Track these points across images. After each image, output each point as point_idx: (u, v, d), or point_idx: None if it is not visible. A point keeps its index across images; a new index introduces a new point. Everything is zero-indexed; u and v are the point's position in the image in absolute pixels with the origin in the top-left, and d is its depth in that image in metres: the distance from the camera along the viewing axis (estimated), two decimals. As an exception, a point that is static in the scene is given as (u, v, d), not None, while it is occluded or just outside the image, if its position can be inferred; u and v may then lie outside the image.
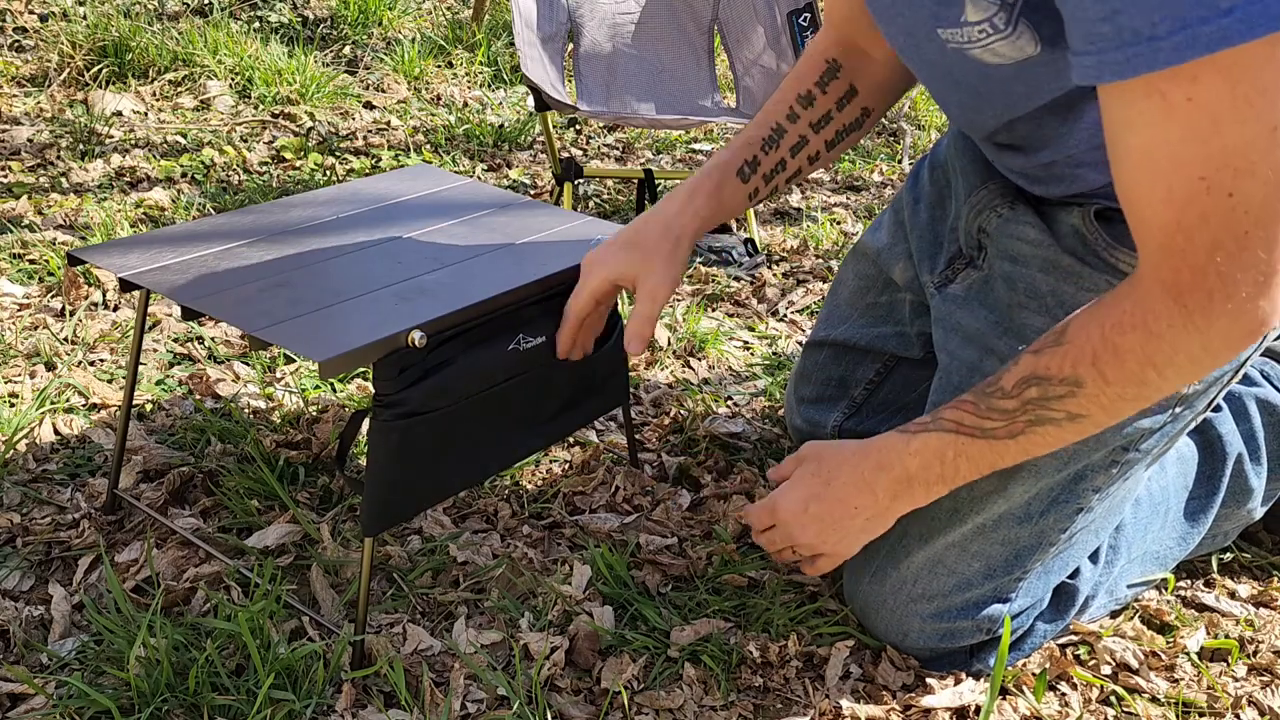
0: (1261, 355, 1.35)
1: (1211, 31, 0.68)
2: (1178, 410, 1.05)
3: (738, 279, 2.05)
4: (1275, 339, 1.37)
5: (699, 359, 1.74)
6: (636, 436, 1.50)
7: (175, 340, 1.66)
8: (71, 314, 1.70)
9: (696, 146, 2.75)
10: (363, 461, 1.41)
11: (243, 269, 1.10)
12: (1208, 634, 1.21)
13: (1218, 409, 1.27)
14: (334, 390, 1.56)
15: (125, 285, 1.08)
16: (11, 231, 1.95)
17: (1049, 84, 0.93)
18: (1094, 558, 1.17)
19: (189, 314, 1.05)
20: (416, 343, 0.98)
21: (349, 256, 1.15)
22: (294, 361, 1.63)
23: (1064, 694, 1.12)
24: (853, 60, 1.16)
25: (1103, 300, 0.88)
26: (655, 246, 1.09)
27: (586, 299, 1.10)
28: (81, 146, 2.38)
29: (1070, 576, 1.16)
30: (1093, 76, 0.75)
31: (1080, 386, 0.87)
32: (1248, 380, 1.31)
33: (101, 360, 1.60)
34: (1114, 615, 1.23)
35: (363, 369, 1.61)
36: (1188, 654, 1.17)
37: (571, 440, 1.48)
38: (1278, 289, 0.80)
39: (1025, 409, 0.91)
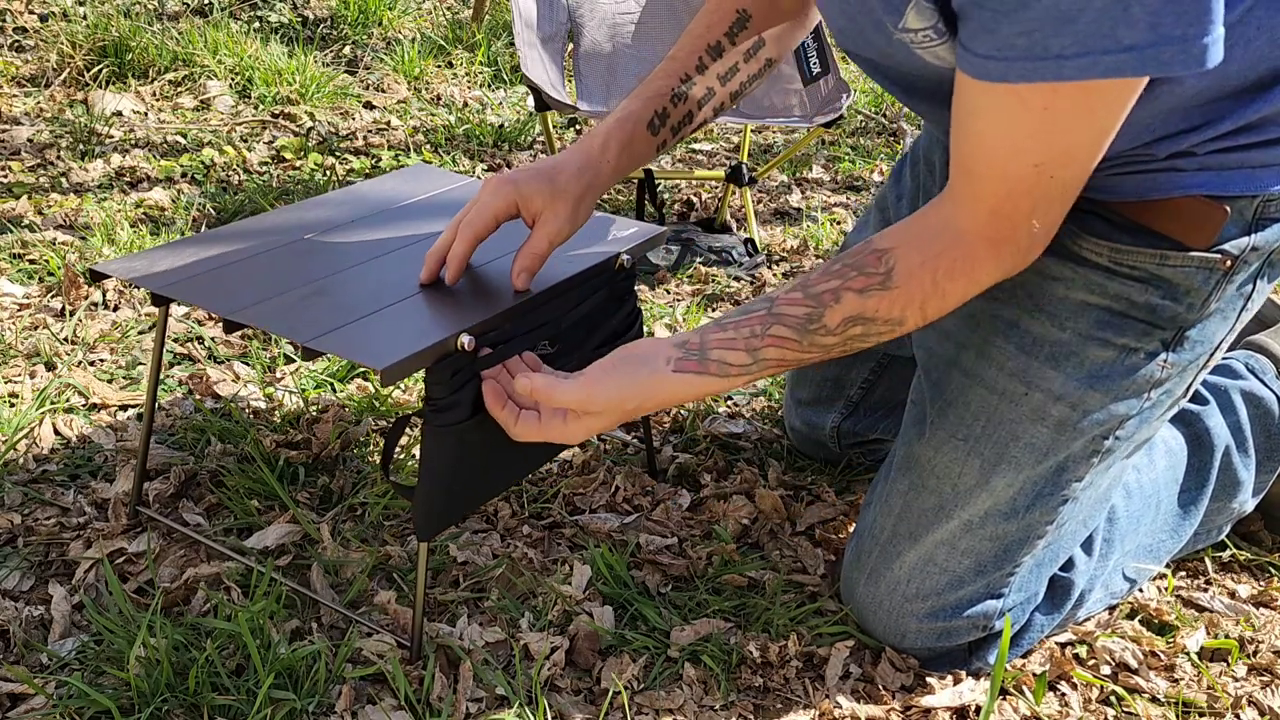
0: (1245, 349, 1.35)
1: (1110, 61, 0.76)
2: (1152, 394, 1.05)
3: (738, 279, 2.05)
4: (1259, 333, 1.38)
5: (699, 359, 1.74)
6: (636, 436, 1.50)
7: (175, 340, 1.66)
8: (71, 314, 1.70)
9: (696, 146, 2.75)
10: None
11: (274, 277, 1.10)
12: (1208, 634, 1.21)
13: (1205, 402, 1.27)
14: (334, 390, 1.56)
15: (157, 299, 1.08)
16: (11, 231, 1.95)
17: None
18: (1088, 550, 1.18)
19: (231, 326, 1.05)
20: (466, 346, 0.99)
21: (376, 261, 1.15)
22: (294, 361, 1.63)
23: (1064, 694, 1.12)
24: (762, 9, 1.16)
25: (926, 244, 0.95)
26: (567, 186, 1.07)
27: (487, 216, 1.06)
28: (81, 146, 2.38)
29: (1065, 569, 1.16)
30: (996, 77, 0.81)
31: (902, 325, 0.96)
32: (1232, 373, 1.31)
33: (101, 360, 1.60)
34: (1111, 611, 1.24)
35: (360, 375, 1.61)
36: (1187, 654, 1.17)
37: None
38: (1051, 231, 0.95)
39: (845, 343, 0.98)
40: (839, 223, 2.34)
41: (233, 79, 2.81)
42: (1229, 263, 0.99)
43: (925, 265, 0.93)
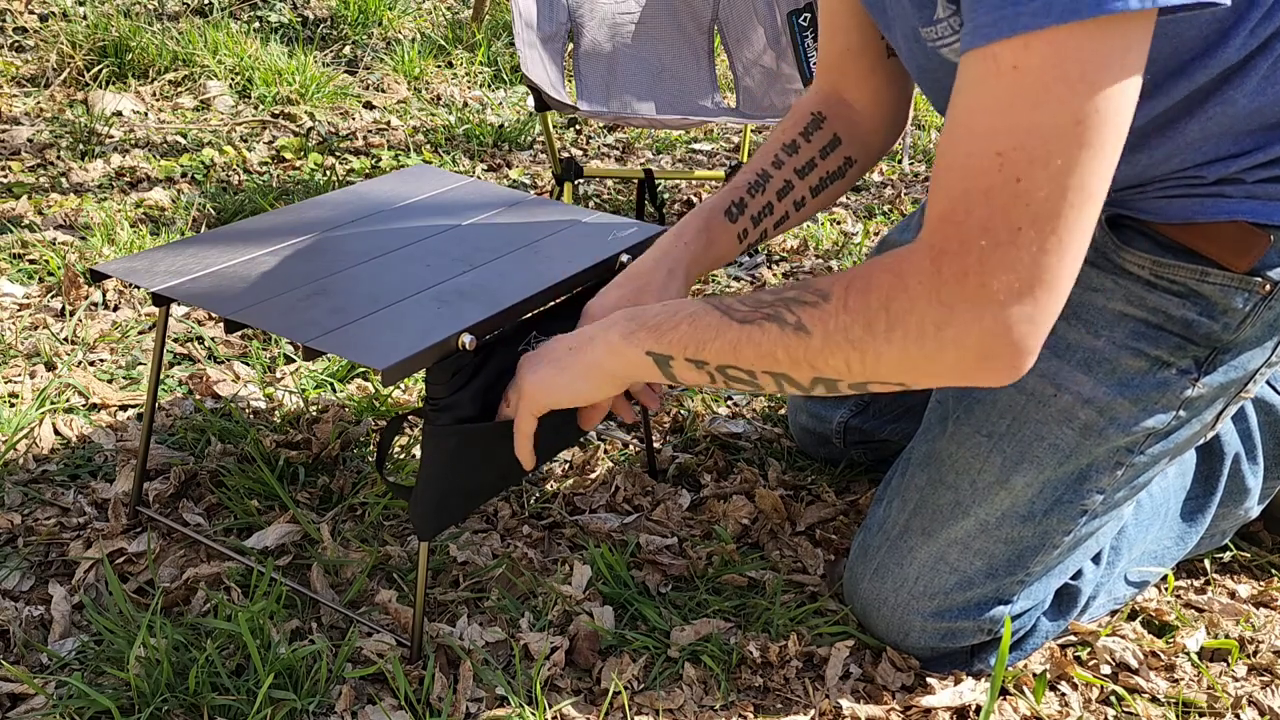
0: None
1: (1066, 2, 0.71)
2: (1181, 414, 1.05)
3: (737, 279, 2.05)
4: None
5: (699, 359, 1.74)
6: (637, 436, 1.50)
7: (175, 340, 1.66)
8: (71, 314, 1.70)
9: (696, 146, 2.75)
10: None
11: (275, 278, 1.10)
12: (1208, 634, 1.21)
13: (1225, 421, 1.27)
14: (334, 390, 1.56)
15: (158, 299, 1.08)
16: (11, 231, 1.95)
17: None
18: (1096, 559, 1.18)
19: (232, 327, 1.05)
20: (467, 345, 1.00)
21: (376, 261, 1.15)
22: (294, 361, 1.63)
23: (1064, 694, 1.12)
24: (836, 112, 1.19)
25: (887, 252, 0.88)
26: (649, 279, 1.09)
27: None
28: (81, 146, 2.38)
29: (1073, 578, 1.17)
30: (968, 42, 0.77)
31: (826, 300, 0.86)
32: None
33: (101, 360, 1.60)
34: (1112, 614, 1.24)
35: (366, 375, 1.61)
36: (1188, 654, 1.17)
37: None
38: (1035, 314, 0.78)
39: (774, 304, 0.90)
40: (839, 223, 2.34)
41: (233, 79, 2.81)
42: (1268, 287, 1.00)
43: (872, 260, 0.88)
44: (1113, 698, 1.12)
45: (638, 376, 0.97)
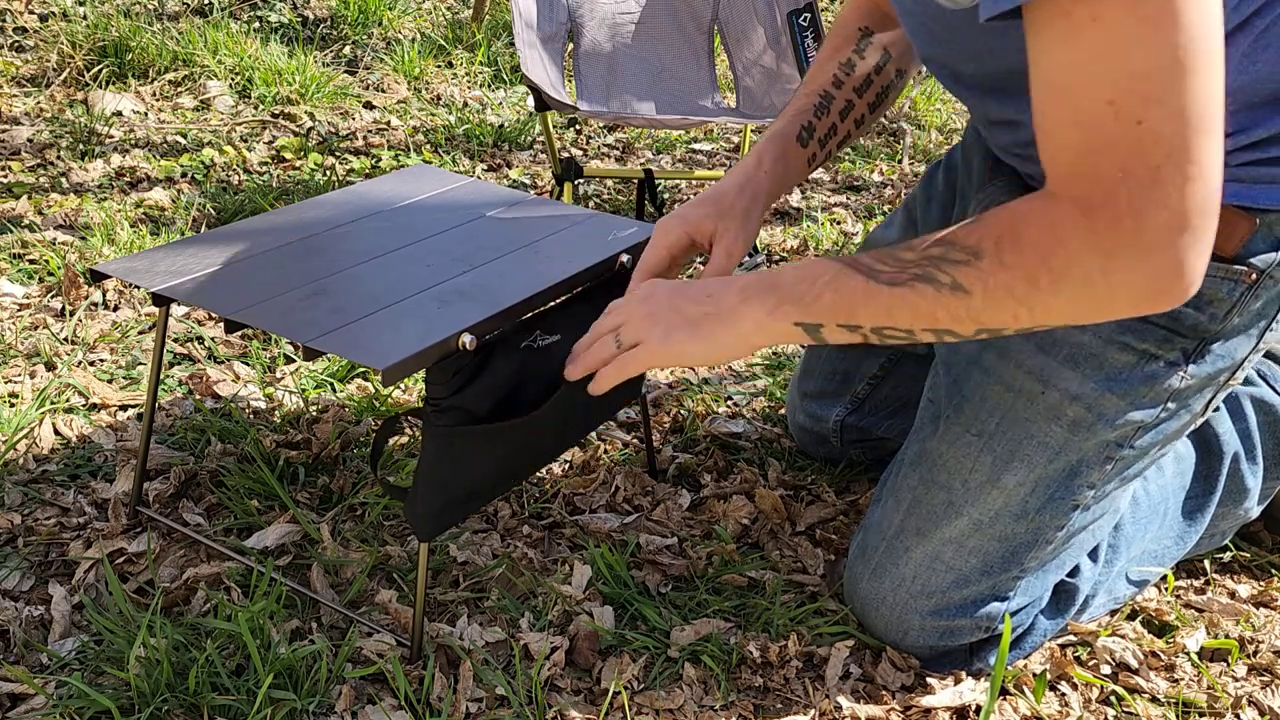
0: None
1: None
2: (1170, 405, 1.05)
3: (738, 279, 2.05)
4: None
5: (699, 359, 1.74)
6: (637, 436, 1.50)
7: (175, 340, 1.66)
8: (71, 314, 1.70)
9: (696, 146, 2.75)
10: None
11: (275, 278, 1.10)
12: (1208, 634, 1.21)
13: (1215, 409, 1.27)
14: (334, 390, 1.56)
15: (158, 299, 1.08)
16: (11, 231, 1.95)
17: (1005, 39, 0.92)
18: (1094, 557, 1.18)
19: (232, 327, 1.05)
20: (467, 345, 1.00)
21: (377, 261, 1.15)
22: (294, 361, 1.63)
23: (1064, 694, 1.12)
24: (881, 24, 1.21)
25: (1018, 201, 0.86)
26: (732, 204, 1.10)
27: (662, 253, 1.09)
28: (81, 146, 2.38)
29: (1070, 575, 1.17)
30: (1006, 2, 0.76)
31: (979, 258, 0.85)
32: (1245, 380, 1.31)
33: (101, 360, 1.60)
34: (1112, 614, 1.24)
35: (366, 375, 1.61)
36: (1188, 654, 1.17)
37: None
38: (1195, 242, 0.78)
39: (920, 263, 0.89)
40: (839, 223, 2.34)
41: (233, 79, 2.81)
42: (1254, 275, 0.99)
43: (1009, 208, 0.86)
44: (1113, 698, 1.12)
45: (782, 343, 0.98)
